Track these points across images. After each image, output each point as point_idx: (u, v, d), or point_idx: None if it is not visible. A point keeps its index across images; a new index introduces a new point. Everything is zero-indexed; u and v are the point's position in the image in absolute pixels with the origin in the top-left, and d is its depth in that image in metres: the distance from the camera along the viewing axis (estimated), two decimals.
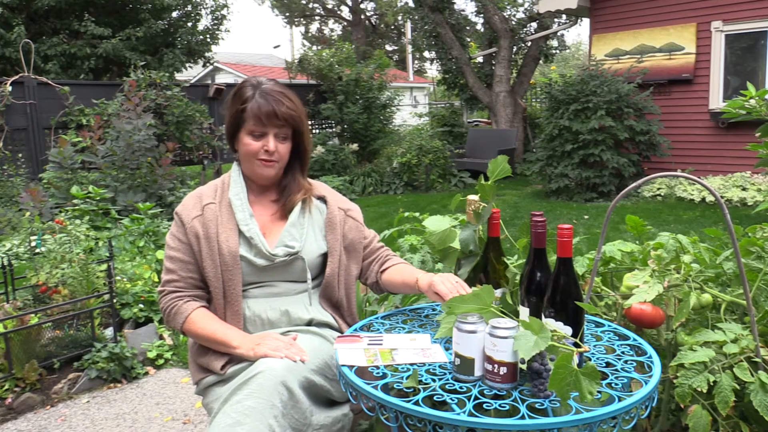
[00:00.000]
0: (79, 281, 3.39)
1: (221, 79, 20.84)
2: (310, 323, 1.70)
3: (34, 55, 9.38)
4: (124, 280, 3.86)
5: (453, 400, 1.18)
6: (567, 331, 1.28)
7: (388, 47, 31.61)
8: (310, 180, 1.84)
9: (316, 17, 30.52)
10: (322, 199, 1.81)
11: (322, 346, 1.59)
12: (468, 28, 13.24)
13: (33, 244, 3.86)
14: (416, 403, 1.15)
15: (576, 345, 1.26)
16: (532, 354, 1.14)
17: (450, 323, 1.34)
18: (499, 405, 1.16)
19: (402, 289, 1.75)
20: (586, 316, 1.64)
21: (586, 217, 6.95)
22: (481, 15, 12.26)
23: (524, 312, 1.36)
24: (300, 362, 1.48)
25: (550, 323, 1.28)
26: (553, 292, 1.30)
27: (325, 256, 1.76)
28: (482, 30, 13.11)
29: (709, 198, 7.33)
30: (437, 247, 1.66)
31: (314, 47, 19.11)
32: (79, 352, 3.15)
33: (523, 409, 1.13)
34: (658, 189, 7.97)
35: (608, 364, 1.33)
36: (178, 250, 1.70)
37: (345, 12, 29.58)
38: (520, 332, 1.18)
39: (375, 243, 1.86)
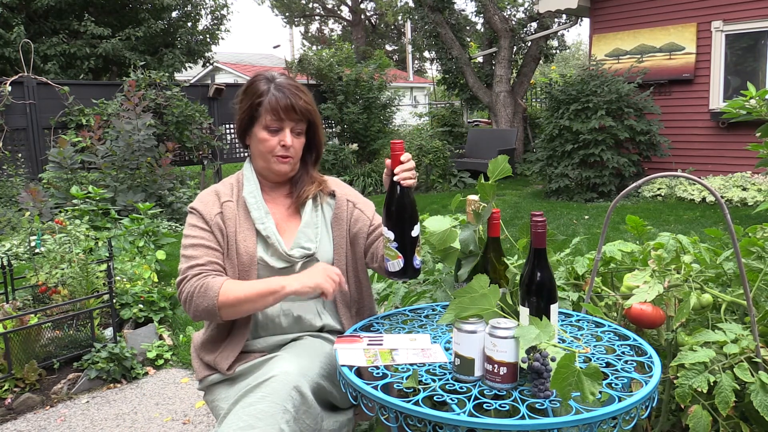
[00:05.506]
0: (79, 281, 3.39)
1: (221, 79, 20.85)
2: (321, 330, 1.69)
3: (33, 55, 9.37)
4: (124, 280, 3.86)
5: (453, 401, 1.18)
6: (389, 235, 1.45)
7: (388, 47, 31.61)
8: (324, 176, 1.81)
9: (316, 17, 30.52)
10: (333, 194, 1.78)
11: (332, 352, 1.58)
12: (468, 28, 13.25)
13: (32, 244, 3.86)
14: (416, 404, 1.15)
15: (399, 249, 1.44)
16: (532, 344, 1.14)
17: (453, 312, 1.33)
18: (499, 405, 1.16)
19: None
20: (586, 316, 1.64)
21: (586, 217, 6.95)
22: (481, 15, 12.26)
23: (524, 312, 1.36)
24: (312, 367, 1.47)
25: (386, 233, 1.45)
26: (387, 207, 1.46)
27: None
28: (482, 30, 13.11)
29: (710, 198, 7.32)
30: (437, 247, 1.65)
31: (314, 47, 19.11)
32: (78, 353, 3.15)
33: (523, 409, 1.13)
34: (659, 189, 7.97)
35: (608, 365, 1.32)
36: (201, 238, 1.61)
37: (345, 12, 29.59)
38: (522, 326, 1.18)
39: None
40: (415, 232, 1.47)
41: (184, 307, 1.59)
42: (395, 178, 1.44)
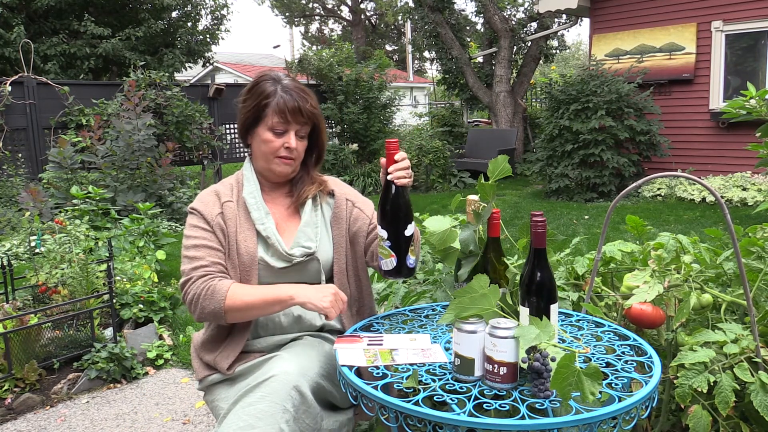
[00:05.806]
0: (79, 281, 3.39)
1: (221, 79, 20.84)
2: (321, 329, 1.69)
3: (33, 55, 9.37)
4: (124, 280, 3.86)
5: (453, 401, 1.18)
6: (383, 234, 1.46)
7: (388, 47, 31.61)
8: (324, 176, 1.81)
9: (316, 17, 30.52)
10: (332, 194, 1.78)
11: (332, 351, 1.58)
12: (468, 28, 13.25)
13: (32, 244, 3.86)
14: (416, 404, 1.15)
15: (393, 248, 1.46)
16: (532, 344, 1.14)
17: (453, 312, 1.33)
18: (499, 405, 1.16)
19: None
20: (586, 316, 1.64)
21: (586, 217, 6.95)
22: (481, 15, 12.26)
23: (524, 312, 1.36)
24: (312, 367, 1.47)
25: (382, 235, 1.46)
26: (382, 206, 1.47)
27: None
28: (482, 30, 13.11)
29: (710, 198, 7.32)
30: (437, 247, 1.66)
31: (314, 47, 19.11)
32: (78, 353, 3.15)
33: (523, 409, 1.13)
34: (659, 189, 7.97)
35: (608, 365, 1.32)
36: (203, 239, 1.61)
37: (345, 12, 29.58)
38: (522, 326, 1.18)
39: None
40: (408, 232, 1.47)
41: (189, 309, 1.59)
42: (389, 177, 1.45)
